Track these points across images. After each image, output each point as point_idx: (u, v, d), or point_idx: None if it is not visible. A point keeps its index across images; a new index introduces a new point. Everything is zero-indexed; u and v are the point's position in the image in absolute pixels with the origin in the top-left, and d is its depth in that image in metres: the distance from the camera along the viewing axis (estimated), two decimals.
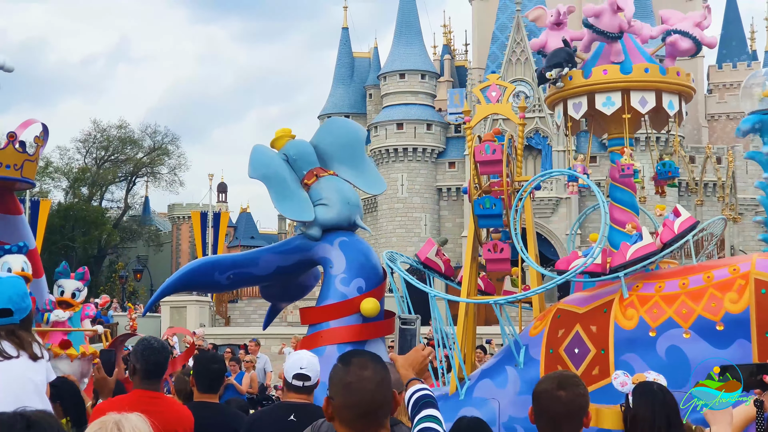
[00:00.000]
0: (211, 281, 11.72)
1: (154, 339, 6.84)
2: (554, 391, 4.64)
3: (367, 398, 4.18)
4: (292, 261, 11.62)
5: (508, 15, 67.40)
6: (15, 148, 12.46)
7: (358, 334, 10.90)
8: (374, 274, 11.19)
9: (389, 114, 68.24)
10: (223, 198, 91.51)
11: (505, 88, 11.66)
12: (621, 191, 10.87)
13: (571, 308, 9.87)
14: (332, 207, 11.22)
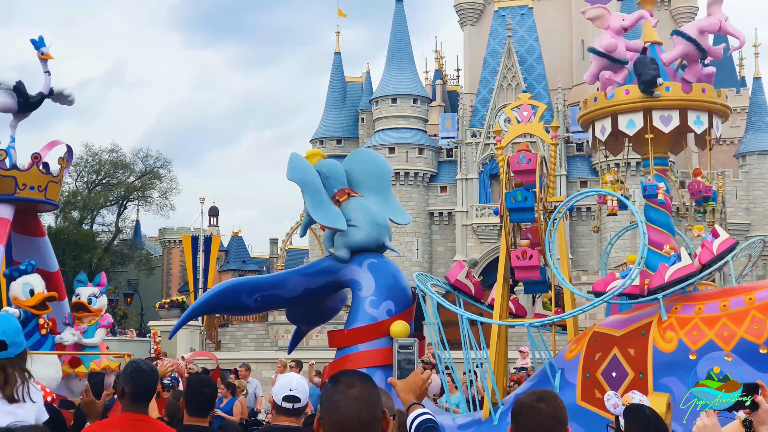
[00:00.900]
0: (238, 304, 11.56)
1: (143, 362, 6.72)
2: (534, 403, 4.61)
3: (353, 416, 4.16)
4: (320, 283, 11.48)
5: (500, 41, 67.76)
6: (39, 170, 12.43)
7: (387, 357, 10.66)
8: (403, 297, 11.06)
9: (381, 138, 68.32)
10: (215, 222, 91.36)
11: (537, 108, 11.55)
12: (656, 212, 10.79)
13: (608, 331, 9.73)
14: (361, 228, 11.11)
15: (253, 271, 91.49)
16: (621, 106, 10.73)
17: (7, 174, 12.28)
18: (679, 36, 10.68)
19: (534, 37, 68.30)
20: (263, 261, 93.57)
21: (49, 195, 12.55)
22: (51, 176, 12.53)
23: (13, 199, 12.30)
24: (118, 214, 76.68)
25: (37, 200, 12.48)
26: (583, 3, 47.81)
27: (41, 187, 12.42)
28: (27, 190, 12.33)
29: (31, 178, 12.35)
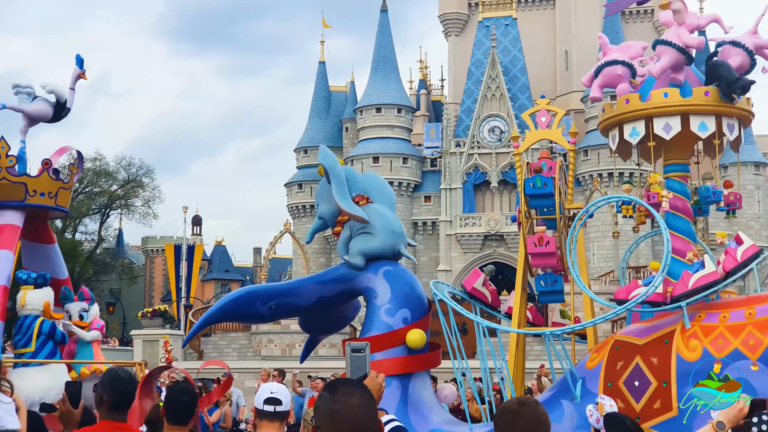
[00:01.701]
0: (253, 312, 11.38)
1: (121, 369, 6.66)
2: (514, 406, 4.59)
3: (357, 425, 4.13)
4: (334, 291, 11.30)
5: (484, 51, 67.95)
6: (49, 176, 12.32)
7: (403, 366, 10.58)
8: (419, 305, 10.88)
9: (365, 147, 68.37)
10: (198, 231, 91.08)
11: (555, 113, 11.44)
12: (678, 219, 10.67)
13: (630, 339, 9.62)
14: (376, 236, 10.95)
15: (236, 280, 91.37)
16: (658, 109, 10.53)
17: (17, 180, 12.14)
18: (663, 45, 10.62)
19: (518, 47, 68.52)
20: (247, 270, 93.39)
21: (60, 201, 12.42)
22: (61, 182, 12.40)
23: (23, 205, 12.17)
24: (100, 223, 76.34)
25: (48, 207, 12.34)
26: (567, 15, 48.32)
27: (51, 193, 12.29)
28: (37, 197, 12.19)
29: (41, 184, 12.22)
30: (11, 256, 11.93)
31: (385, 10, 71.43)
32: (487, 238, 65.27)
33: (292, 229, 60.82)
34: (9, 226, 12.07)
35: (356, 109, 70.26)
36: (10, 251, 11.91)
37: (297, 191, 75.00)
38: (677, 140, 10.64)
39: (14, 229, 12.08)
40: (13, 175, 12.16)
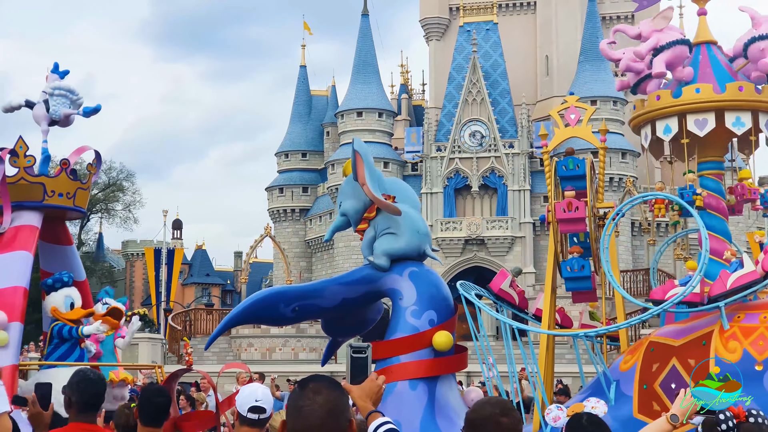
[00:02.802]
0: (276, 314, 11.15)
1: (91, 371, 6.61)
2: (498, 417, 4.55)
3: (316, 423, 4.08)
4: (358, 292, 11.09)
5: (465, 56, 67.99)
6: (68, 176, 12.22)
7: (430, 369, 10.39)
8: (445, 306, 10.71)
9: (346, 152, 68.13)
10: (178, 235, 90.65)
11: (585, 111, 11.28)
12: (713, 218, 10.53)
13: (666, 341, 9.48)
14: (401, 236, 10.76)
15: (216, 284, 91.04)
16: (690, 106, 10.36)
17: (36, 180, 12.05)
18: None
19: (499, 52, 68.61)
20: (227, 274, 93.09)
21: (78, 202, 12.33)
22: (79, 183, 12.30)
23: (41, 206, 12.09)
24: (80, 227, 75.66)
25: (66, 207, 12.26)
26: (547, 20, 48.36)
27: (69, 194, 12.20)
28: (55, 197, 12.11)
29: (59, 184, 12.13)
30: (30, 257, 11.84)
31: (366, 15, 71.38)
32: (468, 243, 65.27)
33: (272, 233, 60.63)
34: (27, 227, 11.98)
35: (337, 113, 70.15)
36: (29, 252, 11.82)
37: (278, 195, 74.83)
38: (712, 137, 10.50)
39: (33, 229, 11.99)
40: (31, 175, 12.07)
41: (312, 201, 74.18)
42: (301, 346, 53.91)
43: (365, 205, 11.09)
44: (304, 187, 74.36)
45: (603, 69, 66.38)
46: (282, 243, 64.45)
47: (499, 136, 65.63)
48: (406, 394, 10.30)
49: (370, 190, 10.65)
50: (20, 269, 11.69)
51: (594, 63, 66.45)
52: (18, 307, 11.41)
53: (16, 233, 11.90)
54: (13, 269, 11.64)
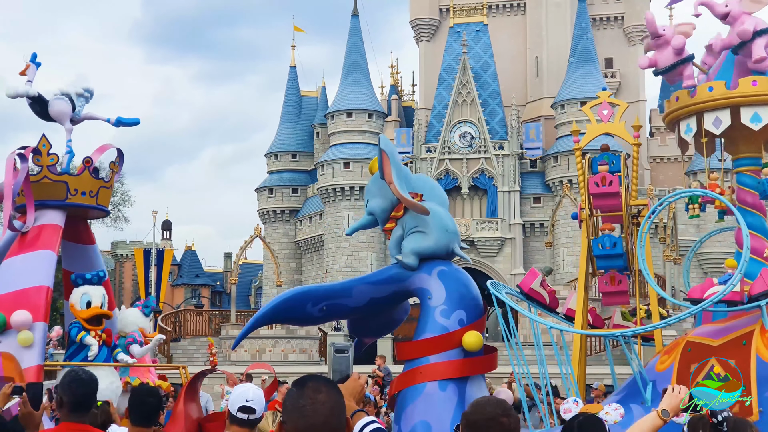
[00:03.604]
0: (303, 313, 10.99)
1: (82, 371, 6.60)
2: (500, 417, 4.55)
3: (319, 422, 4.09)
4: (386, 292, 10.92)
5: (455, 57, 68.01)
6: (90, 174, 12.13)
7: (460, 369, 10.20)
8: (475, 306, 10.50)
9: (336, 152, 68.22)
10: (168, 236, 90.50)
11: (617, 106, 11.16)
12: (750, 215, 10.44)
13: (704, 341, 9.36)
14: (429, 234, 10.55)
15: (206, 285, 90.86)
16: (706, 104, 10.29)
17: (59, 179, 11.95)
18: None
19: (489, 53, 68.65)
20: (217, 275, 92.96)
21: (100, 201, 12.24)
22: (102, 181, 12.20)
23: (64, 204, 12.00)
24: None
25: (89, 206, 12.17)
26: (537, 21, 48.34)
27: (92, 192, 12.10)
28: (78, 196, 12.01)
29: (82, 183, 12.03)
30: (54, 256, 11.75)
31: (356, 15, 71.29)
32: None
33: (262, 234, 60.44)
34: (51, 226, 11.89)
35: (327, 114, 70.06)
36: (52, 251, 11.73)
37: (267, 196, 74.71)
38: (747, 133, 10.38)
39: (56, 228, 11.90)
40: (54, 173, 11.98)
41: (302, 202, 74.11)
42: (291, 346, 53.84)
43: (392, 203, 10.96)
44: (294, 188, 74.29)
45: (593, 70, 66.54)
46: (272, 244, 64.24)
47: (489, 138, 65.69)
48: (435, 395, 10.19)
49: (397, 189, 10.54)
50: (44, 269, 11.60)
51: (584, 64, 66.58)
52: (42, 307, 11.32)
53: (40, 232, 11.81)
54: (37, 268, 11.55)
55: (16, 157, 11.71)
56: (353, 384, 5.12)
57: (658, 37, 10.48)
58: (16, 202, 11.80)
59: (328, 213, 68.49)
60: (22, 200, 11.82)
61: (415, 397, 10.11)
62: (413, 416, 9.97)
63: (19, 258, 11.66)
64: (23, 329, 11.03)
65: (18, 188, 11.66)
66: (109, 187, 12.32)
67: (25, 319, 11.05)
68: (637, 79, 73.22)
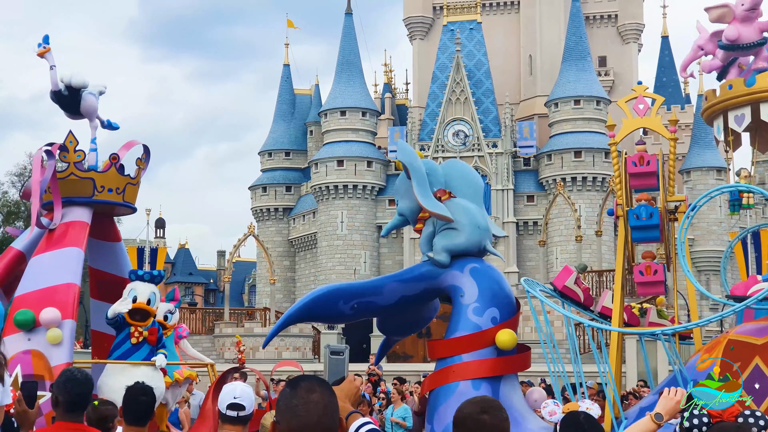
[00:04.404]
0: (334, 311, 10.88)
1: (78, 370, 6.62)
2: (477, 415, 4.56)
3: (312, 421, 4.07)
4: (417, 290, 10.81)
5: (448, 55, 68.04)
6: (117, 171, 12.05)
7: (493, 368, 10.07)
8: (508, 304, 10.39)
9: (330, 151, 68.16)
10: (161, 234, 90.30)
11: (654, 100, 11.03)
12: None
13: (747, 339, 9.23)
14: (462, 231, 10.42)
15: (199, 283, 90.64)
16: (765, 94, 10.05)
17: (85, 176, 11.84)
18: None
19: (482, 51, 68.67)
20: (210, 273, 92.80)
21: (127, 198, 12.12)
22: (129, 178, 12.10)
23: (91, 201, 11.91)
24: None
25: (115, 203, 12.06)
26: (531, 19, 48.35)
27: (119, 189, 11.99)
28: (105, 193, 11.89)
29: (109, 180, 11.92)
30: (81, 253, 11.66)
31: (350, 14, 71.28)
32: None
33: (256, 232, 60.35)
34: (78, 223, 11.81)
35: (321, 113, 70.03)
36: (79, 248, 11.65)
37: (261, 194, 74.61)
38: None
39: (83, 225, 11.81)
40: (80, 170, 11.88)
41: (295, 200, 74.03)
42: (285, 345, 53.83)
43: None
44: (288, 186, 74.21)
45: (586, 69, 66.66)
46: (265, 242, 64.20)
47: (482, 136, 65.72)
48: (469, 395, 9.94)
49: (421, 203, 10.52)
50: (72, 266, 11.51)
51: (577, 63, 66.67)
52: (70, 305, 11.23)
53: (67, 229, 11.71)
54: (65, 266, 11.46)
55: (44, 154, 11.62)
56: (348, 385, 5.13)
57: (753, 9, 10.31)
58: (43, 199, 11.72)
59: (322, 211, 68.43)
60: (49, 197, 11.71)
61: (447, 397, 10.02)
62: (446, 416, 9.85)
63: (46, 255, 11.57)
64: (52, 327, 10.96)
65: (45, 185, 11.57)
66: (135, 183, 12.22)
67: (54, 316, 10.97)
68: (630, 78, 73.28)
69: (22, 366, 10.72)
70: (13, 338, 11.03)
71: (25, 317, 10.97)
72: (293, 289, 72.96)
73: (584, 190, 65.45)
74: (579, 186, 65.35)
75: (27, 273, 11.57)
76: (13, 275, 11.94)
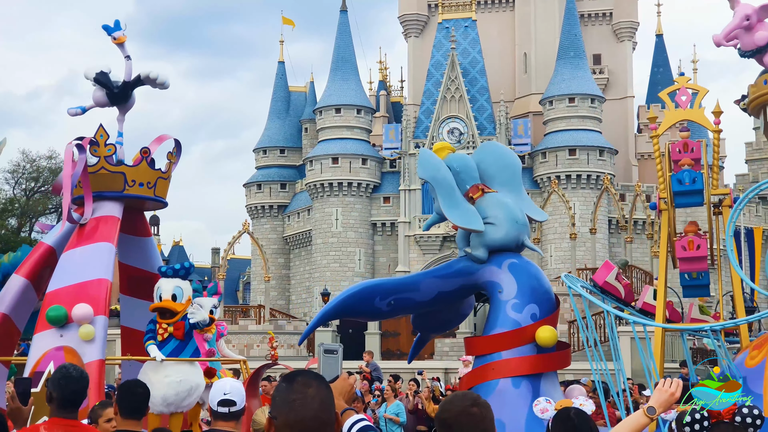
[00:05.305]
0: (371, 308, 10.78)
1: (72, 367, 6.63)
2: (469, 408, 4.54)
3: (309, 416, 4.06)
4: (454, 286, 10.72)
5: (443, 53, 67.97)
6: (148, 165, 11.93)
7: (534, 365, 10.01)
8: (547, 300, 10.31)
9: (325, 148, 68.02)
10: (156, 231, 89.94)
11: (697, 92, 10.91)
12: None
13: None
14: (500, 226, 10.35)
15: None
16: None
17: (116, 170, 11.71)
18: None
19: (477, 49, 68.58)
20: (205, 271, 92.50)
21: (158, 192, 12.00)
22: (160, 172, 11.98)
23: (121, 196, 11.77)
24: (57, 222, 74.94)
25: (146, 197, 11.93)
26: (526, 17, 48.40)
27: (150, 183, 11.86)
28: (136, 187, 11.77)
29: (140, 174, 11.79)
30: (113, 248, 11.54)
31: (345, 11, 71.13)
32: (446, 240, 65.07)
33: (250, 230, 60.18)
34: (109, 218, 11.68)
35: (316, 110, 69.87)
36: (111, 243, 11.52)
37: (256, 191, 74.45)
38: None
39: (114, 220, 11.68)
40: (111, 164, 11.75)
41: (290, 197, 73.89)
42: (279, 342, 53.55)
43: None
44: (282, 183, 74.05)
45: (581, 66, 66.63)
46: (260, 239, 63.95)
47: (477, 133, 65.59)
48: (509, 393, 9.95)
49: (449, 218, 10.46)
50: (104, 261, 11.38)
51: (572, 61, 66.64)
52: (102, 301, 11.11)
53: (98, 224, 11.58)
54: (97, 261, 11.33)
55: (74, 149, 11.49)
56: (343, 383, 5.12)
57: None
58: (74, 193, 11.60)
59: (317, 208, 68.30)
60: (79, 192, 11.60)
61: (487, 395, 9.86)
62: None
63: (78, 251, 11.44)
64: (84, 323, 10.84)
65: (76, 180, 11.45)
66: (166, 178, 12.09)
67: (86, 312, 10.84)
68: (625, 76, 73.41)
69: (54, 363, 10.59)
70: (46, 334, 10.93)
71: (58, 313, 10.85)
72: (288, 287, 72.88)
73: (579, 188, 65.39)
74: (573, 184, 65.29)
75: (58, 268, 11.44)
76: (44, 270, 11.82)
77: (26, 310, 12.03)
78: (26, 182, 71.98)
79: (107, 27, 12.23)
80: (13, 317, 11.82)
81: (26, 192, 72.11)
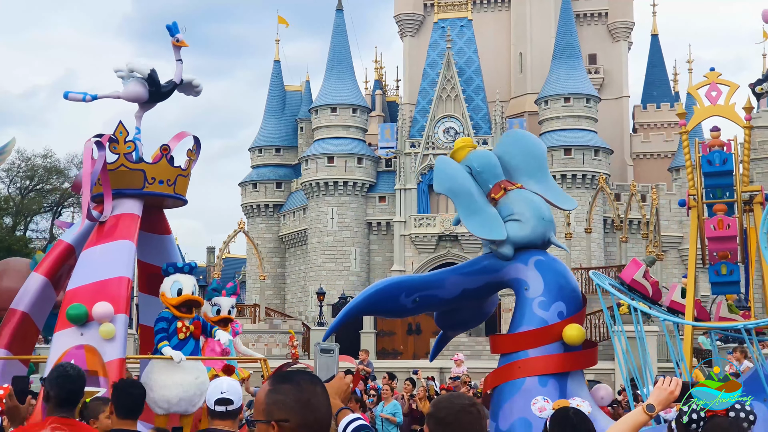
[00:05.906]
0: (396, 305, 10.60)
1: (70, 366, 6.60)
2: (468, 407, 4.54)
3: (325, 414, 3.99)
4: (479, 283, 10.54)
5: (439, 52, 67.98)
6: (167, 162, 11.86)
7: (561, 364, 9.84)
8: (574, 298, 10.14)
9: (320, 147, 67.98)
10: None
11: (728, 87, 10.75)
12: None
13: None
14: (526, 223, 10.17)
15: None
16: None
17: (136, 167, 11.63)
18: None
19: (473, 49, 68.62)
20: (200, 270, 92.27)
21: (178, 189, 11.92)
22: (179, 169, 11.90)
23: (141, 193, 11.70)
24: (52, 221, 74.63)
25: (166, 195, 11.85)
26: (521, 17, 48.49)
27: (170, 180, 11.79)
28: (156, 185, 11.68)
29: (159, 171, 11.71)
30: (132, 246, 11.46)
31: (341, 10, 71.09)
32: (442, 239, 65.17)
33: (246, 229, 60.12)
34: (128, 216, 11.60)
35: (311, 109, 69.86)
36: (131, 241, 11.45)
37: (251, 191, 74.36)
38: None
39: (134, 218, 11.61)
40: (131, 161, 11.68)
41: (286, 196, 73.82)
42: (275, 341, 53.66)
43: None
44: (278, 182, 73.99)
45: (576, 66, 66.68)
46: (255, 238, 63.94)
47: (473, 133, 65.53)
48: (535, 391, 9.81)
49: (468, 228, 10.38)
50: (124, 259, 11.31)
51: (567, 60, 66.70)
52: (123, 299, 11.03)
53: (117, 222, 11.51)
54: (117, 259, 11.25)
55: (93, 146, 11.42)
56: (338, 383, 5.09)
57: None
58: (93, 191, 11.53)
59: (312, 207, 68.27)
60: (98, 189, 11.52)
61: (513, 393, 9.79)
62: (512, 413, 9.65)
63: (98, 248, 11.36)
64: (105, 321, 10.77)
65: (96, 177, 11.37)
66: (186, 175, 12.02)
67: (106, 310, 10.77)
68: (620, 76, 73.55)
69: (75, 361, 10.45)
70: (66, 333, 10.86)
71: (78, 312, 10.78)
72: (283, 286, 72.80)
73: (574, 188, 65.38)
74: (569, 183, 65.30)
75: (78, 266, 11.37)
76: (63, 269, 11.75)
77: (45, 308, 11.97)
78: (21, 181, 71.88)
79: (170, 27, 12.17)
80: (32, 315, 11.75)
81: (21, 191, 71.97)
